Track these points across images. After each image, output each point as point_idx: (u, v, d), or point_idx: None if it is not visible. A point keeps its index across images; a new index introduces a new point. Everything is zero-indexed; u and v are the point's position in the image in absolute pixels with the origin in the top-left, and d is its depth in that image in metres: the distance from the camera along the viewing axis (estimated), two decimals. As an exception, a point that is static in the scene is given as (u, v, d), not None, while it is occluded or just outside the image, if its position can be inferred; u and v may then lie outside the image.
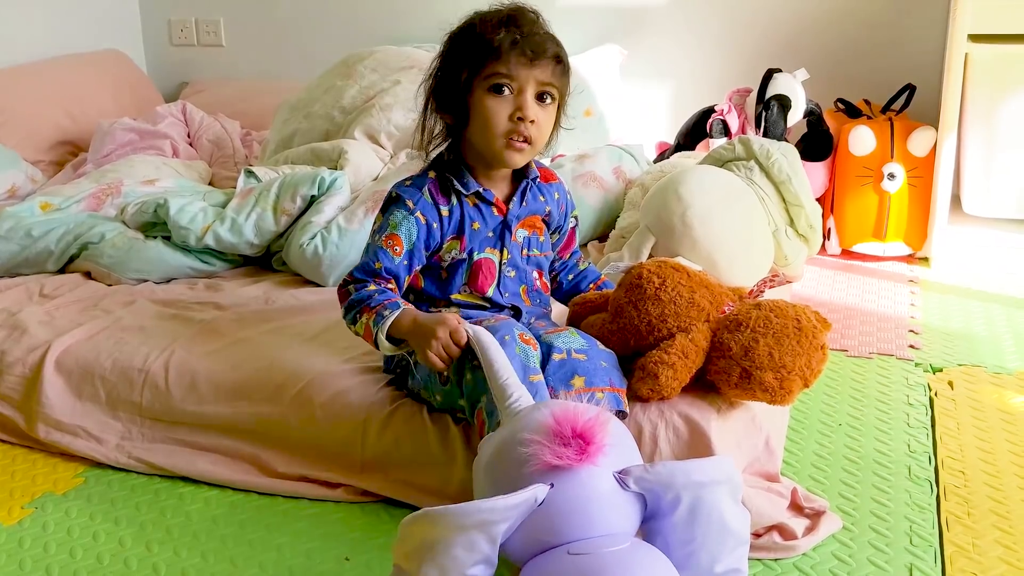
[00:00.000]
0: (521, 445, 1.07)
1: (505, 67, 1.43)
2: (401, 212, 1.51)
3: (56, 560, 1.43)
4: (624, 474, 1.06)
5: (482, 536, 1.02)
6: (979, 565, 1.38)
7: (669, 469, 1.06)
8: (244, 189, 2.32)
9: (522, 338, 1.39)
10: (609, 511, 1.06)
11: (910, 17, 2.94)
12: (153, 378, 1.71)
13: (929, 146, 2.65)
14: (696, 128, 2.85)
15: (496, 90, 1.45)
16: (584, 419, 1.05)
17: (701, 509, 1.07)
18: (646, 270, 1.47)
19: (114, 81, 3.43)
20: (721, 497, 1.08)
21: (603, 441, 1.04)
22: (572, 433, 1.04)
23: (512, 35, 1.43)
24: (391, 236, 1.50)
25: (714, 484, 1.07)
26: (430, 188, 1.53)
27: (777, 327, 1.39)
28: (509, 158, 1.49)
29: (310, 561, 1.42)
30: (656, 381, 1.39)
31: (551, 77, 1.46)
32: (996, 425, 1.79)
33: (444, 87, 1.50)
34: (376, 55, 2.94)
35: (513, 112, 1.45)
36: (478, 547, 1.02)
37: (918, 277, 2.62)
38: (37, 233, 2.24)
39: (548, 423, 1.06)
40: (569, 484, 1.04)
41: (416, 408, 1.56)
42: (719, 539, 1.08)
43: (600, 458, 1.05)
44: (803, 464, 1.66)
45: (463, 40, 1.48)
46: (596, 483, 1.05)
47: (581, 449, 1.03)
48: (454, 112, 1.50)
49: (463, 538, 1.02)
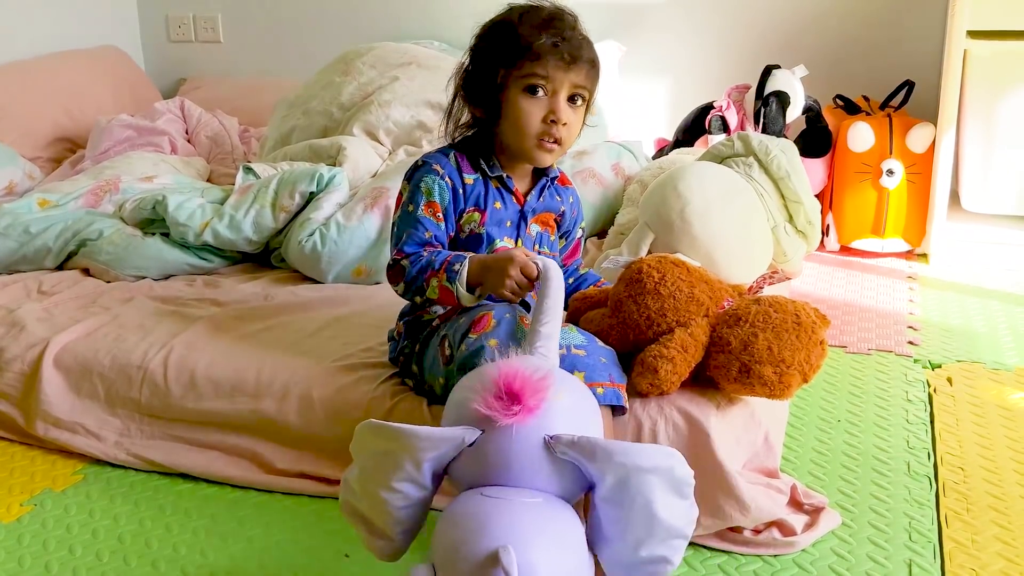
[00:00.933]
0: (469, 390, 1.15)
1: (543, 68, 1.44)
2: (431, 177, 1.51)
3: (55, 557, 1.43)
4: (553, 439, 1.10)
5: (408, 458, 1.12)
6: (978, 560, 1.38)
7: (593, 445, 1.09)
8: (243, 186, 2.31)
9: (523, 320, 1.40)
10: (531, 468, 1.11)
11: (909, 13, 2.94)
12: (152, 375, 1.70)
13: (928, 142, 2.65)
14: (695, 124, 2.85)
15: (531, 91, 1.45)
16: (522, 379, 1.10)
17: (626, 491, 1.09)
18: (646, 265, 1.47)
19: (112, 78, 3.43)
20: (649, 485, 1.09)
21: (533, 403, 1.09)
22: (507, 389, 1.10)
23: (553, 38, 1.44)
24: (430, 204, 1.50)
25: (639, 470, 1.08)
26: (456, 157, 1.54)
27: (776, 322, 1.39)
28: (539, 158, 1.50)
29: (310, 558, 1.42)
30: (655, 375, 1.39)
31: (585, 80, 1.48)
32: (995, 421, 1.79)
33: (476, 80, 1.51)
34: (374, 51, 2.93)
35: (547, 114, 1.46)
36: (403, 466, 1.13)
37: (917, 273, 2.62)
38: (35, 230, 2.24)
39: (492, 375, 1.12)
40: (498, 434, 1.10)
41: (416, 403, 1.56)
42: (645, 525, 1.10)
43: (530, 418, 1.09)
44: (802, 460, 1.66)
45: (500, 36, 1.48)
46: (522, 439, 1.10)
47: (509, 406, 1.09)
48: (486, 107, 1.51)
49: (391, 454, 1.13)
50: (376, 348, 1.71)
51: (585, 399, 1.23)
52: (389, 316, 1.70)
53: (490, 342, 1.36)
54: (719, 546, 1.42)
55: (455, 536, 1.07)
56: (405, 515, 1.17)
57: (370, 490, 1.16)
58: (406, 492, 1.15)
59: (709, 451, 1.40)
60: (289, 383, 1.63)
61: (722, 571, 1.38)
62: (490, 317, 1.40)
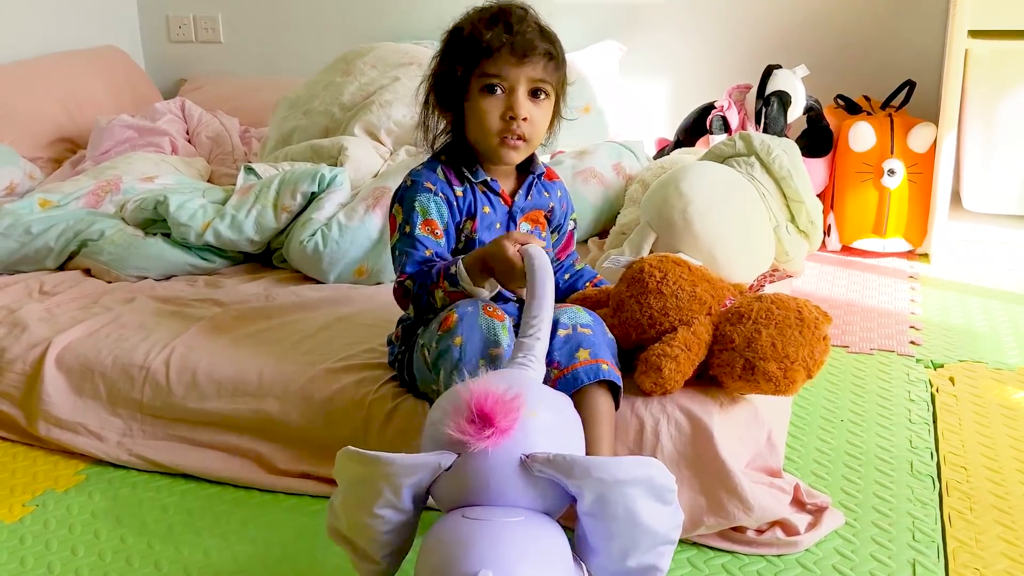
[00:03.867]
0: (443, 412, 1.14)
1: (495, 67, 1.44)
2: (425, 195, 1.50)
3: (58, 557, 1.43)
4: (530, 458, 1.10)
5: (387, 485, 1.12)
6: (982, 560, 1.38)
7: (570, 462, 1.08)
8: (244, 186, 2.31)
9: (486, 310, 1.38)
10: (510, 487, 1.10)
11: (910, 13, 2.94)
12: (154, 375, 1.70)
13: (929, 142, 2.65)
14: (696, 124, 2.85)
15: (489, 90, 1.45)
16: (493, 401, 1.09)
17: (607, 505, 1.09)
18: (648, 264, 1.47)
19: (112, 78, 3.42)
20: (630, 496, 1.08)
21: (505, 424, 1.09)
22: (479, 411, 1.09)
23: (500, 34, 1.43)
24: (427, 222, 1.49)
25: (619, 483, 1.08)
26: (443, 170, 1.53)
27: (779, 318, 1.39)
28: (505, 156, 1.49)
29: (313, 558, 1.41)
30: (659, 374, 1.39)
31: (543, 73, 1.46)
32: (997, 421, 1.79)
33: (442, 86, 1.51)
34: (375, 51, 2.93)
35: (505, 111, 1.45)
36: (382, 493, 1.13)
37: (918, 273, 2.62)
38: (36, 230, 2.23)
39: (464, 397, 1.11)
40: (473, 457, 1.10)
41: (417, 404, 1.55)
42: (630, 535, 1.10)
43: (503, 440, 1.09)
44: (805, 460, 1.66)
45: (457, 39, 1.49)
46: (498, 460, 1.10)
47: (481, 429, 1.08)
48: (454, 110, 1.51)
49: (370, 482, 1.13)
50: (378, 349, 1.71)
51: (563, 411, 1.21)
52: (391, 316, 1.69)
53: (455, 340, 1.35)
54: (722, 546, 1.42)
55: (437, 560, 1.07)
56: (388, 539, 1.17)
57: (352, 516, 1.17)
58: (387, 517, 1.15)
59: (712, 450, 1.39)
60: (291, 383, 1.63)
61: (725, 571, 1.37)
62: (453, 315, 1.39)
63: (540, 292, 1.31)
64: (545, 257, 1.35)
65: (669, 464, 1.41)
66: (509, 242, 1.38)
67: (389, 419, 1.55)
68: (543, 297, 1.30)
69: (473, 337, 1.34)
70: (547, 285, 1.31)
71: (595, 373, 1.32)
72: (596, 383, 1.33)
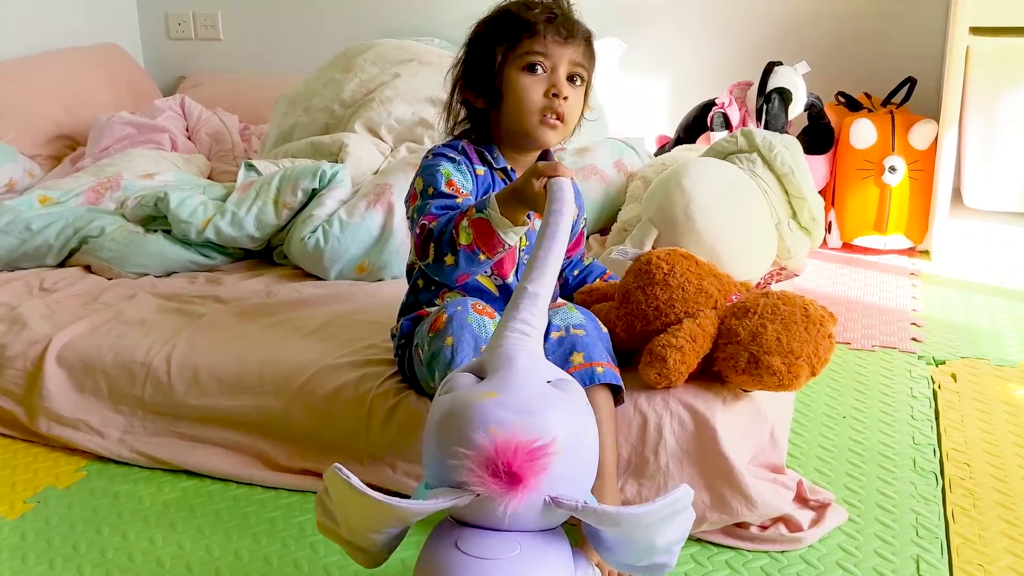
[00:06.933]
0: (457, 455, 1.02)
1: (541, 45, 1.45)
2: (450, 164, 1.49)
3: (60, 554, 1.42)
4: (555, 501, 1.02)
5: (397, 522, 1.08)
6: (985, 556, 1.38)
7: (599, 514, 1.02)
8: (245, 182, 2.31)
9: (475, 308, 1.38)
10: (523, 519, 1.04)
11: (911, 10, 2.94)
12: (155, 372, 1.70)
13: (930, 139, 2.65)
14: (697, 121, 2.84)
15: (530, 68, 1.46)
16: (523, 455, 0.99)
17: (630, 539, 1.07)
18: (655, 256, 1.48)
19: (111, 75, 3.42)
20: (653, 530, 1.05)
21: (535, 484, 1.00)
22: (507, 468, 0.99)
23: (547, 13, 1.46)
24: (450, 183, 1.46)
25: (646, 528, 1.04)
26: (465, 147, 1.53)
27: (785, 314, 1.39)
28: (543, 135, 1.49)
29: (315, 554, 1.41)
30: (664, 364, 1.38)
31: (582, 58, 1.48)
32: (1000, 417, 1.79)
33: (475, 69, 1.50)
34: (375, 48, 2.92)
35: (548, 89, 1.46)
36: (389, 524, 1.08)
37: (919, 270, 2.62)
38: (36, 227, 2.23)
39: (487, 449, 1.00)
40: (494, 503, 1.01)
41: (419, 400, 1.55)
42: (647, 550, 1.08)
43: (532, 494, 1.01)
44: (808, 457, 1.65)
45: (496, 21, 1.50)
46: (520, 507, 1.01)
47: (510, 485, 0.99)
48: (486, 94, 1.50)
49: (377, 519, 1.06)
50: (379, 345, 1.71)
51: (576, 413, 1.11)
52: (392, 312, 1.69)
53: (446, 341, 1.35)
54: (725, 542, 1.41)
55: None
56: (389, 542, 1.13)
57: (353, 528, 1.11)
58: (391, 531, 1.11)
59: (715, 446, 1.39)
60: (292, 380, 1.63)
61: (729, 567, 1.37)
62: (443, 315, 1.39)
63: (552, 232, 1.20)
64: (570, 191, 1.27)
65: (672, 460, 1.41)
66: (537, 175, 1.30)
67: (391, 416, 1.55)
68: (553, 237, 1.20)
69: (464, 336, 1.34)
70: (560, 225, 1.21)
71: (591, 378, 1.33)
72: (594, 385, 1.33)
